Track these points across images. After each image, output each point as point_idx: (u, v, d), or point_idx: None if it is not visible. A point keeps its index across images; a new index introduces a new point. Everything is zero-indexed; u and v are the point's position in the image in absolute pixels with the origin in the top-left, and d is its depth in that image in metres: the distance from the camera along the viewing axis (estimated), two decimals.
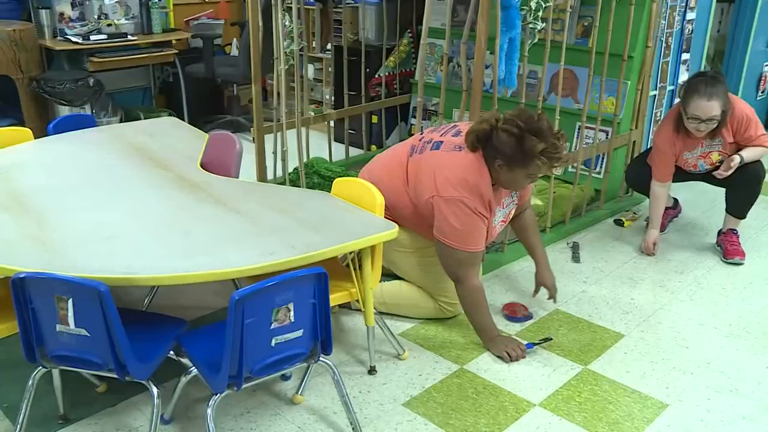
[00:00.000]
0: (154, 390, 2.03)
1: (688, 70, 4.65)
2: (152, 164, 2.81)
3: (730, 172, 3.42)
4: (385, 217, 2.43)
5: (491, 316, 2.79)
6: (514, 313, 3.02)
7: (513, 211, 2.92)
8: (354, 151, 5.09)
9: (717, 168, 3.50)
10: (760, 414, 2.44)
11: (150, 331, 2.14)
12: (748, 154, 3.43)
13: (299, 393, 2.45)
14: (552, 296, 3.06)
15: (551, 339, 2.82)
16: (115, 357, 1.90)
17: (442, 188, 2.60)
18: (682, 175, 3.68)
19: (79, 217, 2.30)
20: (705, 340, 2.90)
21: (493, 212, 2.70)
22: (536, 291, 3.09)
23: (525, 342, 2.78)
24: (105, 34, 5.03)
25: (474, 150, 2.63)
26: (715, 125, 3.34)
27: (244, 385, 1.99)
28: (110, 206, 2.41)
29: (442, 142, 2.72)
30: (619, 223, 4.06)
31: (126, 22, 5.27)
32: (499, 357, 2.72)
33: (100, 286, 1.79)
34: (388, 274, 3.07)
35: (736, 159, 3.41)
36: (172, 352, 2.20)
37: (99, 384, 2.45)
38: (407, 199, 2.77)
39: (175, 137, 3.19)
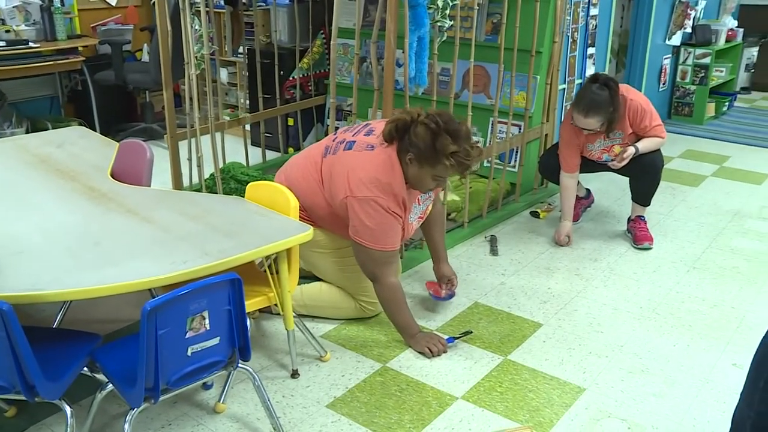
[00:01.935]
0: (68, 409, 1.96)
1: (594, 63, 4.82)
2: (59, 175, 2.72)
3: (623, 164, 3.56)
4: (302, 219, 2.42)
5: (410, 313, 2.81)
6: (438, 292, 3.06)
7: (429, 208, 2.96)
8: (271, 155, 5.05)
9: (607, 160, 3.64)
10: (668, 390, 2.55)
11: (60, 348, 2.06)
12: (644, 145, 3.57)
13: (221, 401, 2.41)
14: (454, 285, 3.10)
15: (471, 332, 2.87)
16: (23, 378, 1.83)
17: (355, 188, 2.61)
18: (590, 165, 3.80)
19: None
20: (618, 323, 3.01)
21: (408, 210, 2.73)
22: (441, 282, 3.11)
23: (446, 336, 2.82)
24: (3, 40, 4.83)
25: (390, 141, 2.65)
26: (597, 129, 3.49)
27: (162, 397, 1.95)
28: (13, 221, 2.32)
29: (354, 141, 2.73)
30: (534, 214, 4.16)
31: (26, 28, 5.07)
32: (421, 353, 2.75)
33: (3, 305, 1.72)
34: (307, 276, 3.07)
35: (630, 150, 3.54)
36: (86, 369, 2.13)
37: (7, 408, 2.34)
38: (323, 199, 2.77)
39: (83, 147, 3.09)
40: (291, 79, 5.08)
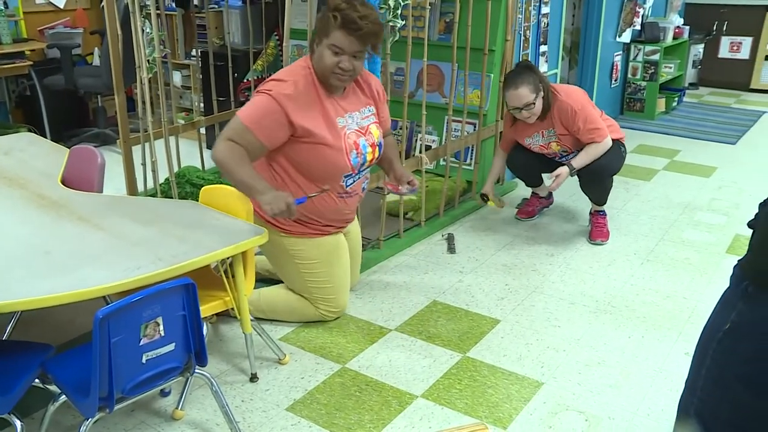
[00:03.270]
0: (18, 423, 1.93)
1: (547, 61, 4.87)
2: (6, 183, 2.66)
3: (557, 188, 3.60)
4: (278, 227, 2.35)
5: (254, 173, 2.52)
6: (397, 188, 2.92)
7: (374, 131, 2.83)
8: None
9: (562, 157, 3.71)
10: (624, 381, 2.60)
11: (10, 360, 2.02)
12: (581, 159, 3.58)
13: (179, 408, 2.39)
14: (415, 185, 2.90)
15: (328, 189, 2.69)
16: None
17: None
18: (545, 163, 3.85)
19: None
20: (575, 317, 3.05)
21: (330, 113, 2.66)
22: (402, 184, 2.92)
23: (296, 198, 2.53)
24: None
25: (312, 48, 2.64)
26: (534, 107, 3.51)
27: (118, 406, 1.93)
28: None
29: None
30: (484, 198, 4.00)
31: None
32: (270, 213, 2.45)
33: None
34: (264, 279, 3.05)
35: (562, 170, 3.55)
36: (37, 380, 2.08)
37: None
38: (270, 169, 2.72)
39: (32, 154, 3.03)
40: (245, 81, 5.04)
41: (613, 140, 3.66)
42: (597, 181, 3.71)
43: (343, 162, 2.69)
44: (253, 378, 2.58)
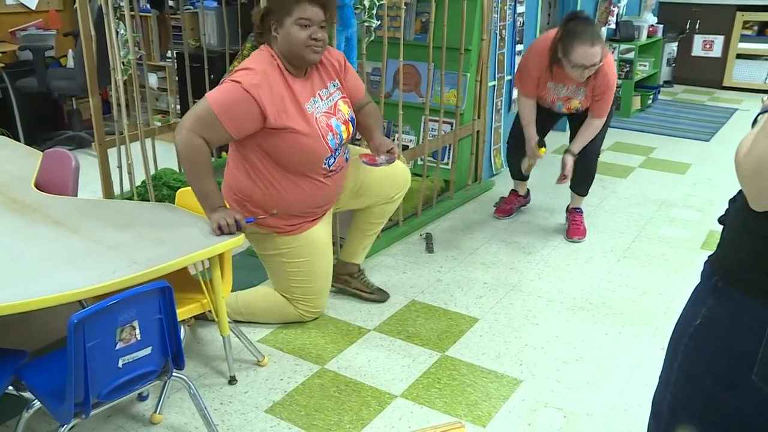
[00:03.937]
0: None
1: None
2: None
3: (569, 178, 3.65)
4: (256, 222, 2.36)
5: (215, 184, 2.48)
6: (373, 160, 2.82)
7: (342, 106, 2.77)
8: None
9: (574, 114, 3.72)
10: (602, 377, 2.62)
11: None
12: (579, 143, 3.64)
13: (157, 412, 2.37)
14: (394, 153, 2.81)
15: (276, 213, 2.65)
16: None
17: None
18: (542, 120, 3.76)
19: None
20: (553, 315, 3.07)
21: (300, 98, 2.62)
22: (380, 151, 2.81)
23: (247, 218, 2.47)
24: None
25: (261, 36, 2.65)
26: (596, 68, 3.32)
27: (94, 412, 1.91)
28: None
29: None
30: (540, 144, 3.77)
31: None
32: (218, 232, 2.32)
33: None
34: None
35: (569, 160, 3.61)
36: (11, 387, 2.06)
37: None
38: (242, 164, 2.71)
39: (4, 157, 2.99)
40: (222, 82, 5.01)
41: None
42: (585, 165, 3.73)
43: (322, 147, 2.65)
44: (232, 380, 2.57)
